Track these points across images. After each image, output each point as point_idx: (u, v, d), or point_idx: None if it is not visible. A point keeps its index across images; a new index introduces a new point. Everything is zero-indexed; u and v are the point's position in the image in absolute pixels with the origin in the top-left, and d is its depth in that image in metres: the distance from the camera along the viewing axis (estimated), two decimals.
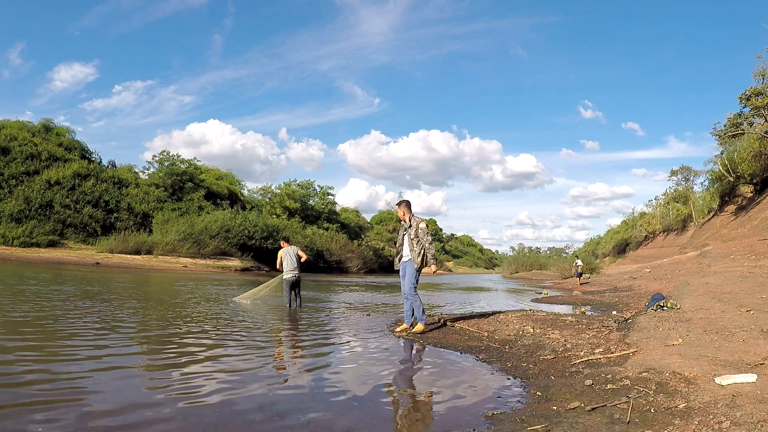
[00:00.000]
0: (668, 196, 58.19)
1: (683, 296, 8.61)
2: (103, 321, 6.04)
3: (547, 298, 14.29)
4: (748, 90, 30.24)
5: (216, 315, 7.36)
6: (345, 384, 3.58)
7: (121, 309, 7.33)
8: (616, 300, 12.08)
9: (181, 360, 4.16)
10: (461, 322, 6.68)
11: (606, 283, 22.14)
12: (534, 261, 56.33)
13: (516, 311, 8.17)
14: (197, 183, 41.14)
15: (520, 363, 4.26)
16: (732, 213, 35.54)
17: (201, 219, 33.54)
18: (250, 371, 3.87)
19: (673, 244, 46.91)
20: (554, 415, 2.77)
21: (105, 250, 27.86)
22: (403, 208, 6.06)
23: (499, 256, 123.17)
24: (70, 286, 11.29)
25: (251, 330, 6.07)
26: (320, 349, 5.06)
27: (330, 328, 6.60)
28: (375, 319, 7.53)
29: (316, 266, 35.87)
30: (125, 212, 33.85)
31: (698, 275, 13.30)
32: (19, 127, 35.95)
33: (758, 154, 30.31)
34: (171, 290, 12.18)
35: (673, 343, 4.35)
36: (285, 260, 8.66)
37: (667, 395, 2.95)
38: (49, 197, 30.71)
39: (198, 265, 27.91)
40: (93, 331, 5.24)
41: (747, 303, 6.59)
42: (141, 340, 5.02)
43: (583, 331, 5.64)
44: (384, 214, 74.92)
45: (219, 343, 5.01)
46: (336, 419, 2.78)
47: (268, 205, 48.10)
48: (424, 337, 5.60)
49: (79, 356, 4.04)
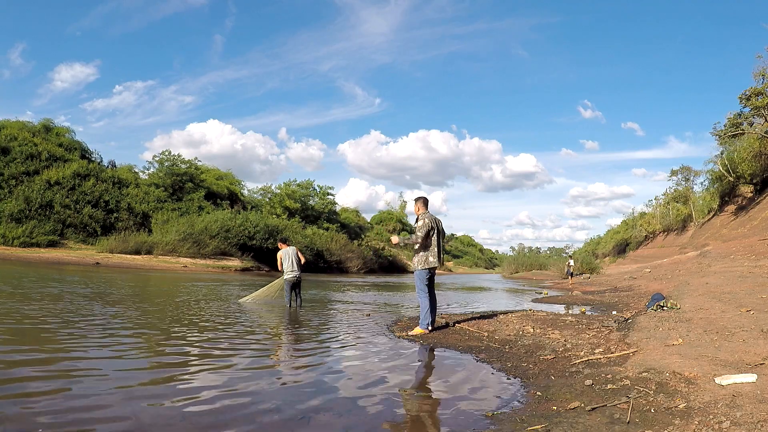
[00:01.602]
0: (668, 196, 58.21)
1: (683, 296, 8.61)
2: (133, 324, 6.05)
3: (547, 298, 14.29)
4: (748, 90, 30.25)
5: (216, 315, 7.36)
6: (345, 384, 3.58)
7: (124, 310, 7.34)
8: (616, 300, 12.08)
9: (180, 360, 4.16)
10: (461, 322, 6.69)
11: (606, 283, 22.14)
12: (534, 261, 56.27)
13: (516, 311, 8.17)
14: (197, 183, 41.12)
15: (520, 363, 4.26)
16: (732, 213, 35.54)
17: (201, 219, 33.50)
18: (250, 371, 3.87)
19: (673, 244, 46.93)
20: (554, 415, 2.77)
21: (105, 250, 27.86)
22: (418, 203, 6.09)
23: (499, 256, 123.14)
24: (88, 287, 11.28)
25: (251, 330, 6.07)
26: (320, 349, 5.06)
27: (330, 329, 6.60)
28: (375, 319, 7.53)
29: (316, 266, 35.87)
30: (125, 212, 33.82)
31: (698, 275, 13.31)
32: (19, 127, 35.91)
33: (758, 154, 30.32)
34: (171, 290, 12.18)
35: (673, 343, 4.35)
36: (285, 261, 8.66)
37: (667, 395, 2.95)
38: (49, 197, 30.70)
39: (198, 265, 27.91)
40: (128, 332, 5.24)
41: (747, 303, 6.59)
42: (141, 339, 5.02)
43: (583, 331, 5.64)
44: (384, 214, 74.94)
45: (219, 343, 5.01)
46: (336, 419, 2.78)
47: (268, 205, 48.08)
48: (423, 337, 5.60)
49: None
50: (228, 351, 4.65)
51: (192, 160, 42.06)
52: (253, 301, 9.30)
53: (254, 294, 9.57)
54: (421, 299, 5.93)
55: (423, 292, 5.90)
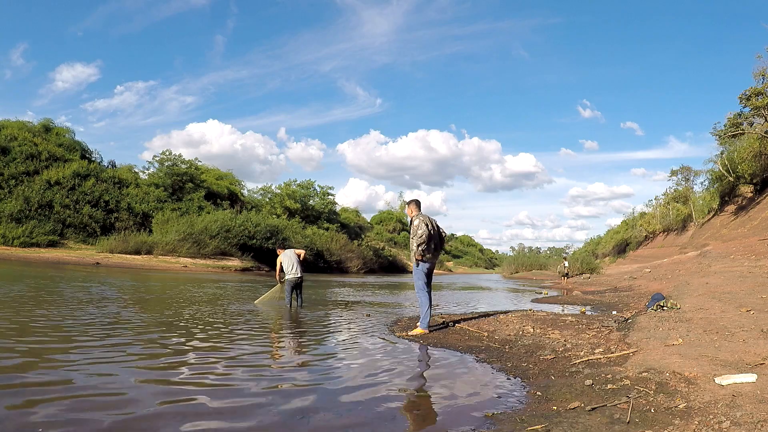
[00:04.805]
0: (668, 196, 58.18)
1: (683, 296, 8.61)
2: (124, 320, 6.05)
3: (547, 298, 14.28)
4: (748, 90, 30.22)
5: (216, 315, 7.36)
6: (345, 384, 3.58)
7: (125, 309, 7.35)
8: (616, 300, 12.07)
9: (180, 360, 4.16)
10: (461, 322, 6.69)
11: (606, 283, 22.13)
12: (534, 261, 56.31)
13: (516, 311, 8.17)
14: (197, 183, 41.11)
15: (520, 363, 4.25)
16: (732, 213, 35.52)
17: (201, 219, 33.48)
18: (250, 371, 3.87)
19: (673, 244, 46.91)
20: (554, 415, 2.77)
21: (105, 250, 27.85)
22: (410, 206, 6.13)
23: (499, 256, 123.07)
24: (103, 288, 11.28)
25: (251, 330, 6.07)
26: (320, 349, 5.06)
27: (330, 328, 6.60)
28: (375, 319, 7.53)
29: (316, 266, 35.87)
30: (125, 212, 33.82)
31: (698, 275, 13.30)
32: (19, 127, 35.91)
33: (758, 154, 30.30)
34: (171, 290, 12.18)
35: (673, 343, 4.35)
36: (285, 263, 8.68)
37: (667, 395, 2.95)
38: (49, 197, 30.70)
39: (198, 265, 27.90)
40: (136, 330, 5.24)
41: (747, 303, 6.59)
42: (141, 339, 5.02)
43: (583, 331, 5.64)
44: (384, 214, 74.91)
45: (219, 343, 5.01)
46: (336, 419, 2.78)
47: (268, 205, 48.07)
48: (424, 337, 5.60)
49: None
50: (228, 351, 4.65)
51: (192, 160, 42.10)
52: (263, 303, 9.22)
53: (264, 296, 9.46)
54: (421, 297, 5.93)
55: (422, 290, 5.90)
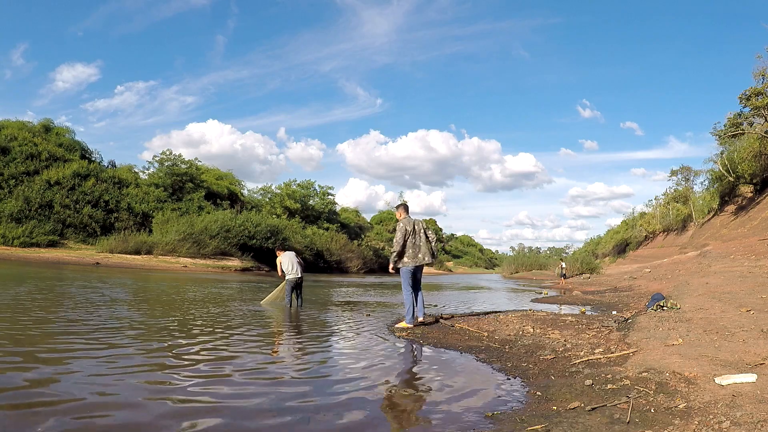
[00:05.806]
0: (668, 196, 58.14)
1: (683, 296, 8.61)
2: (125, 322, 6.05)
3: (546, 298, 14.28)
4: (748, 90, 30.21)
5: (216, 315, 7.36)
6: (345, 384, 3.58)
7: (127, 309, 7.35)
8: (616, 300, 12.07)
9: (179, 360, 4.16)
10: (461, 322, 6.69)
11: (606, 283, 22.13)
12: (534, 261, 56.34)
13: (516, 311, 8.17)
14: (197, 183, 41.11)
15: (520, 363, 4.25)
16: (732, 213, 35.51)
17: (201, 219, 33.49)
18: (250, 371, 3.87)
19: (673, 244, 46.89)
20: (554, 415, 2.77)
21: (105, 250, 27.86)
22: (398, 210, 6.55)
23: (499, 256, 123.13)
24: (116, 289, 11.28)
25: (251, 330, 6.06)
26: (320, 349, 5.06)
27: (330, 328, 6.60)
28: (375, 319, 7.53)
29: (316, 266, 35.90)
30: (125, 212, 33.82)
31: (698, 275, 13.30)
32: (19, 127, 35.91)
33: (758, 154, 30.28)
34: (171, 290, 12.18)
35: (673, 343, 4.35)
36: (285, 264, 8.71)
37: (667, 395, 2.95)
38: (49, 197, 30.70)
39: (198, 265, 27.91)
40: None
41: (747, 303, 6.59)
42: (141, 339, 5.02)
43: (583, 331, 5.64)
44: (384, 214, 74.89)
45: (219, 343, 5.01)
46: (336, 419, 2.78)
47: (268, 205, 48.07)
48: (424, 337, 5.61)
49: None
50: (228, 351, 4.64)
51: (192, 160, 42.10)
52: (268, 303, 9.21)
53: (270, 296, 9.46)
54: (405, 295, 6.38)
55: (406, 289, 6.36)
